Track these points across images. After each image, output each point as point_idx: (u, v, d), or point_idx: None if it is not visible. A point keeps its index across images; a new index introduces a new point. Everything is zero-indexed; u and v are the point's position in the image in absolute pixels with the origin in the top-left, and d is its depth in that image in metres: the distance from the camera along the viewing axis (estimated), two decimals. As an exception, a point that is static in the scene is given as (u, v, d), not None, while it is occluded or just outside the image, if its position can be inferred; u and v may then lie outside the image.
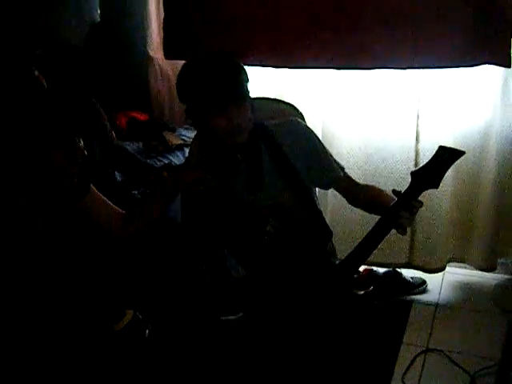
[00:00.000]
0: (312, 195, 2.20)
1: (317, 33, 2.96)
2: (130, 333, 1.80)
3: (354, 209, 2.33)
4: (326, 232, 2.19)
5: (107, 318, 1.82)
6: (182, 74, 2.03)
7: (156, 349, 1.90)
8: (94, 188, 2.05)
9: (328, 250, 2.23)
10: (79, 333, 1.81)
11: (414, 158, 3.09)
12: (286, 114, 2.41)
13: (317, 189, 2.36)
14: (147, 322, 1.86)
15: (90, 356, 1.80)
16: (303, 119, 2.42)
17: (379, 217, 1.92)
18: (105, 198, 2.08)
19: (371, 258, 3.16)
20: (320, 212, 2.20)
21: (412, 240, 3.22)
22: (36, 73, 2.64)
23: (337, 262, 2.18)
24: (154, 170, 3.07)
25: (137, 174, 3.03)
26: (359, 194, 2.19)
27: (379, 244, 1.93)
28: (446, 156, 1.88)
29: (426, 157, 2.98)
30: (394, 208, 1.89)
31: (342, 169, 2.21)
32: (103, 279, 1.94)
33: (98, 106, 2.93)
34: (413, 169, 3.03)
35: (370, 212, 2.23)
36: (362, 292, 2.01)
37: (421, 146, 3.06)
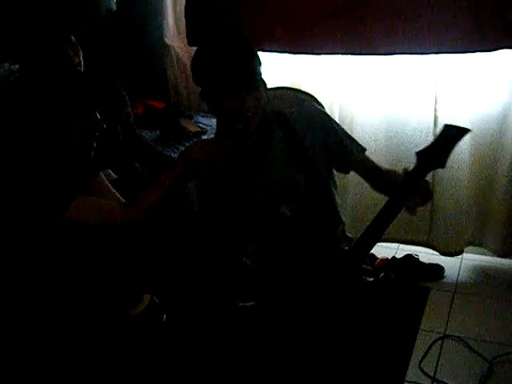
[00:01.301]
0: (326, 181, 2.21)
1: (335, 20, 2.97)
2: (147, 317, 1.81)
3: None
4: (335, 218, 2.20)
5: (124, 303, 1.83)
6: (196, 58, 2.04)
7: (173, 334, 1.91)
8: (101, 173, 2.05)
9: (339, 236, 2.23)
10: (96, 317, 1.82)
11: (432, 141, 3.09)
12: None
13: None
14: (164, 306, 1.87)
15: (107, 340, 1.81)
16: (322, 108, 2.43)
17: None
18: (109, 185, 2.07)
19: (392, 235, 3.18)
20: (333, 198, 2.20)
21: (431, 222, 3.24)
22: (73, 38, 2.63)
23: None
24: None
25: (156, 165, 3.04)
26: (380, 177, 2.18)
27: (388, 226, 1.92)
28: (451, 134, 1.87)
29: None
30: (400, 189, 1.88)
31: (364, 150, 2.21)
32: (121, 263, 1.95)
33: (123, 92, 2.93)
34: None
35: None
36: (372, 279, 2.01)
37: (439, 129, 3.04)
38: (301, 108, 2.20)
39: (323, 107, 2.44)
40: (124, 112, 2.90)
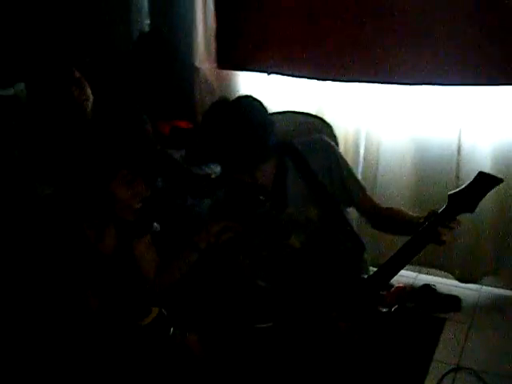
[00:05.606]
0: (341, 210, 2.22)
1: (360, 50, 3.07)
2: (154, 329, 1.84)
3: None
4: (357, 246, 2.20)
5: (134, 314, 1.86)
6: (207, 130, 2.07)
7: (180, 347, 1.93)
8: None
9: (361, 264, 2.24)
10: (106, 326, 1.86)
11: (455, 168, 3.12)
12: (313, 127, 2.46)
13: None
14: (172, 320, 1.90)
15: (115, 345, 1.84)
16: (331, 130, 2.46)
17: None
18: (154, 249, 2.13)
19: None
20: (351, 226, 2.21)
21: (449, 246, 3.21)
22: (77, 74, 2.65)
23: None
24: (199, 178, 3.10)
25: (181, 181, 3.06)
26: (380, 216, 2.20)
27: (409, 262, 1.93)
28: (484, 182, 1.87)
29: (465, 168, 3.03)
30: (430, 227, 1.89)
31: (364, 189, 2.22)
32: (133, 277, 2.00)
33: (143, 114, 2.97)
34: (453, 179, 3.02)
35: (394, 233, 2.23)
36: (386, 310, 2.01)
37: (462, 157, 3.08)
38: (309, 138, 2.23)
39: (331, 128, 2.47)
40: (142, 137, 2.94)
